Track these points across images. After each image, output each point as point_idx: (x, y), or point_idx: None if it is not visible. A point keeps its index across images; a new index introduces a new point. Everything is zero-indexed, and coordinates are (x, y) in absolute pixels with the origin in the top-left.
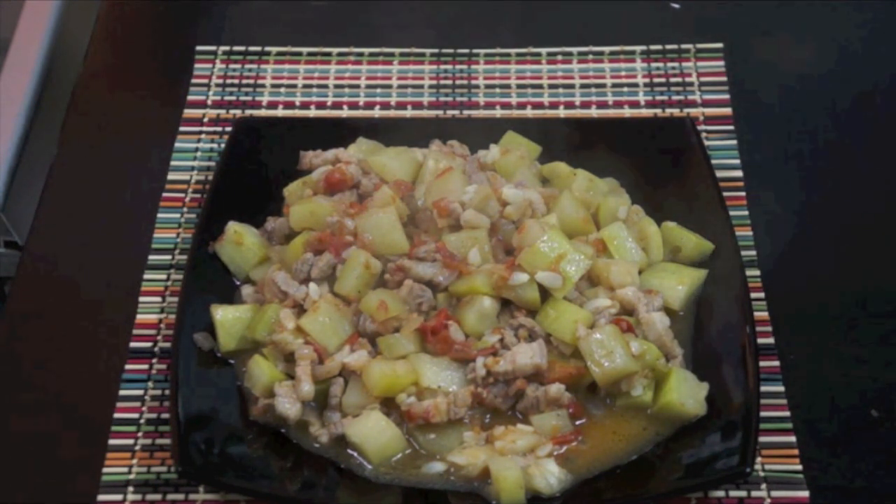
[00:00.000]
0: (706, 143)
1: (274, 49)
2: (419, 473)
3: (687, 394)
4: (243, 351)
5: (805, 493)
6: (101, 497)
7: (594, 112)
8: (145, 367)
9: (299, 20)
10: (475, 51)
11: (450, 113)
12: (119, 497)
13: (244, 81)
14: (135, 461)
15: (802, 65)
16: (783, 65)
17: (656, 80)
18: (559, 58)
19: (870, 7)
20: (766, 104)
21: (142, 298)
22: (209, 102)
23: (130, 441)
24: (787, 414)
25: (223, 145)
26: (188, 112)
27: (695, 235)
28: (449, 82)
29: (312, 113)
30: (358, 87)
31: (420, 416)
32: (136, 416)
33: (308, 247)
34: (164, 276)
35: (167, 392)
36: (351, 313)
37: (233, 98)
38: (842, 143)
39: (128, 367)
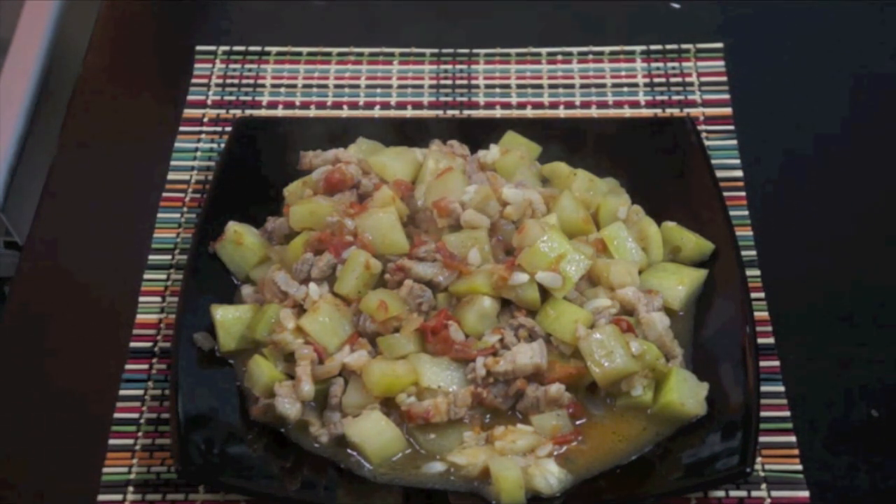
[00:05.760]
0: (706, 143)
1: (274, 49)
2: (419, 473)
3: (687, 394)
4: (243, 351)
5: (805, 493)
6: (101, 497)
7: (594, 112)
8: (145, 367)
9: (299, 20)
10: (475, 51)
11: (450, 113)
12: (119, 497)
13: (244, 81)
14: (135, 461)
15: (802, 64)
16: (783, 64)
17: (656, 80)
18: (559, 58)
19: (871, 7)
20: (766, 104)
21: (142, 298)
22: (209, 102)
23: (130, 441)
24: (787, 414)
25: (223, 145)
26: (188, 112)
27: (695, 235)
28: (449, 82)
29: (312, 113)
30: (358, 87)
31: (420, 416)
32: (136, 416)
33: (308, 247)
34: (164, 276)
35: (167, 392)
36: (351, 313)
37: (233, 98)
38: (842, 142)
39: (128, 367)
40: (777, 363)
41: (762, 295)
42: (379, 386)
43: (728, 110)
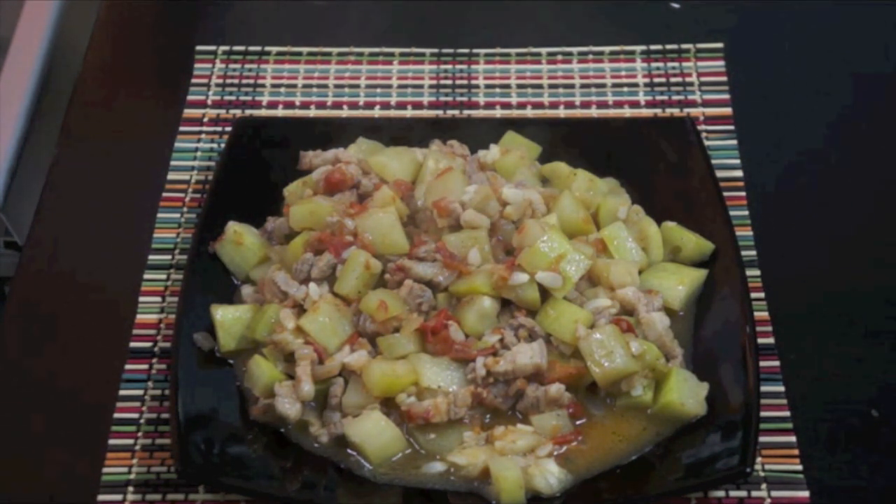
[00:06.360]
0: (706, 143)
1: (274, 49)
2: (419, 473)
3: (687, 394)
4: (243, 351)
5: (805, 493)
6: (101, 497)
7: (594, 112)
8: (145, 367)
9: (299, 20)
10: (475, 51)
11: (450, 113)
12: (119, 497)
13: (244, 81)
14: (135, 461)
15: (802, 64)
16: (783, 65)
17: (656, 80)
18: (559, 58)
19: (871, 7)
20: (766, 104)
21: (142, 298)
22: (209, 102)
23: (130, 441)
24: (787, 414)
25: (223, 145)
26: (188, 112)
27: (695, 235)
28: (449, 82)
29: (312, 113)
30: (358, 87)
31: (420, 416)
32: (136, 416)
33: (308, 247)
34: (164, 276)
35: (167, 392)
36: (351, 313)
37: (233, 98)
38: (842, 142)
39: (128, 367)
40: (777, 363)
41: (762, 295)
42: (379, 386)
43: (728, 110)
